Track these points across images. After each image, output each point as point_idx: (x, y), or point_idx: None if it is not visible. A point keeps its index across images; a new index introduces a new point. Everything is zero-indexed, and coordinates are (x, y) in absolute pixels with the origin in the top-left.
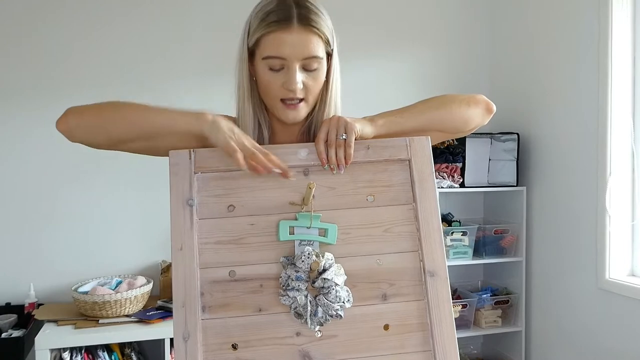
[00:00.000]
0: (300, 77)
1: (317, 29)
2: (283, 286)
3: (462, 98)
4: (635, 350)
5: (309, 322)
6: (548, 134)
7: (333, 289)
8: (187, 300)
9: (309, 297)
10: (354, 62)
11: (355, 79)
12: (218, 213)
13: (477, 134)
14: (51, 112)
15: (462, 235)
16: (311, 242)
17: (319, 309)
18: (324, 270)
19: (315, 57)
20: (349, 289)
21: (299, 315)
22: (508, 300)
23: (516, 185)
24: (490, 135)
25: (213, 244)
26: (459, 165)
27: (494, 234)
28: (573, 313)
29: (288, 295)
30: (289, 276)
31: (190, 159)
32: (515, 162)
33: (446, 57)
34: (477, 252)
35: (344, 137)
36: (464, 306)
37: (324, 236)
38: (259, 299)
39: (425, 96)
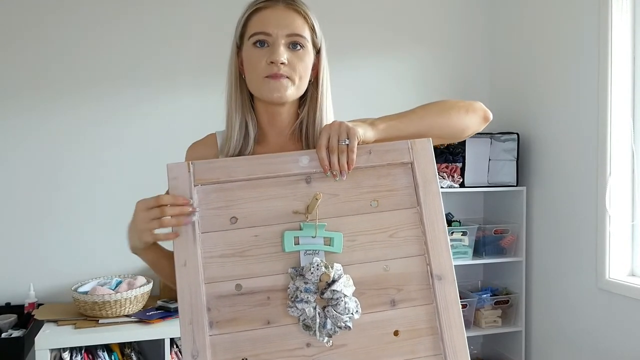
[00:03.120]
0: (284, 52)
1: (302, 10)
2: (291, 298)
3: (461, 105)
4: (635, 351)
5: (318, 334)
6: (548, 134)
7: (342, 300)
8: (194, 317)
9: (317, 309)
10: (354, 62)
11: (356, 79)
12: (221, 226)
13: (477, 134)
14: (50, 112)
15: (462, 235)
16: (316, 252)
17: (328, 320)
18: (333, 282)
19: (300, 36)
20: (357, 300)
21: (307, 327)
22: (508, 300)
23: (516, 185)
24: (490, 135)
25: (217, 258)
26: (459, 165)
27: (494, 234)
28: (573, 313)
29: (296, 307)
30: (297, 287)
31: (189, 171)
32: (515, 162)
33: (446, 57)
34: (477, 252)
35: (346, 142)
36: (464, 306)
37: (330, 245)
38: (267, 311)
39: (425, 96)
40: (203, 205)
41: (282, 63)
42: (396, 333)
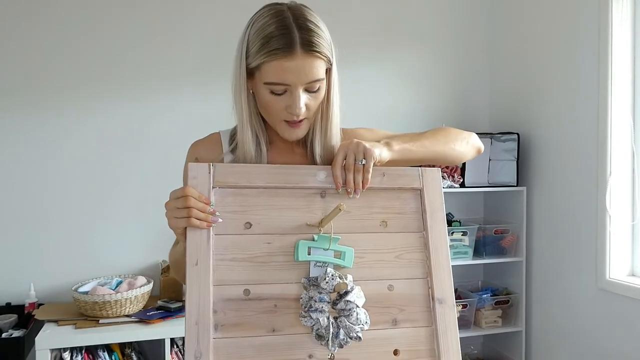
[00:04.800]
0: (303, 101)
1: (320, 52)
2: (305, 307)
3: (463, 137)
4: (635, 350)
5: (330, 344)
6: (548, 134)
7: (354, 311)
8: (200, 318)
9: (330, 319)
10: (355, 61)
11: (356, 78)
12: (235, 230)
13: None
14: (49, 111)
15: (462, 235)
16: (326, 264)
17: (341, 330)
18: (346, 292)
19: (318, 80)
20: (366, 312)
21: (320, 337)
22: (508, 300)
23: (516, 185)
24: (490, 135)
25: (228, 261)
26: (459, 165)
27: (494, 234)
28: (573, 313)
29: (310, 316)
30: (312, 297)
31: (209, 173)
32: (515, 162)
33: (446, 57)
34: (477, 252)
35: (362, 162)
36: (464, 306)
37: (340, 259)
38: (273, 319)
39: (425, 96)
40: (219, 207)
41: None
42: (396, 352)
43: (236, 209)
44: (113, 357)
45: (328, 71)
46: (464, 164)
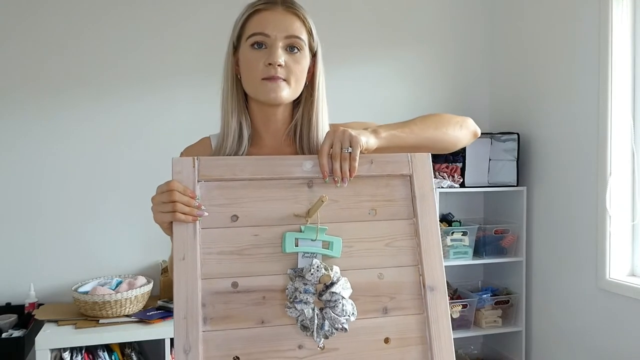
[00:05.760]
0: (282, 54)
1: (301, 13)
2: (290, 298)
3: (456, 120)
4: (636, 350)
5: (315, 335)
6: (548, 134)
7: (340, 302)
8: (189, 312)
9: (315, 310)
10: (356, 60)
11: (357, 77)
12: (221, 223)
13: None
14: (49, 111)
15: (462, 235)
16: (315, 255)
17: (326, 322)
18: (332, 284)
19: (298, 38)
20: (353, 302)
21: (304, 328)
22: (508, 300)
23: (516, 185)
24: (490, 135)
25: (216, 255)
26: (459, 165)
27: (494, 234)
28: (573, 313)
29: (295, 307)
30: (297, 288)
31: (194, 167)
32: (515, 162)
33: (447, 57)
34: (477, 252)
35: (349, 150)
36: (464, 306)
37: (328, 249)
38: (262, 311)
39: (426, 96)
40: (205, 201)
41: (279, 65)
42: (387, 340)
43: (222, 202)
44: (113, 357)
45: (313, 58)
46: (463, 164)
